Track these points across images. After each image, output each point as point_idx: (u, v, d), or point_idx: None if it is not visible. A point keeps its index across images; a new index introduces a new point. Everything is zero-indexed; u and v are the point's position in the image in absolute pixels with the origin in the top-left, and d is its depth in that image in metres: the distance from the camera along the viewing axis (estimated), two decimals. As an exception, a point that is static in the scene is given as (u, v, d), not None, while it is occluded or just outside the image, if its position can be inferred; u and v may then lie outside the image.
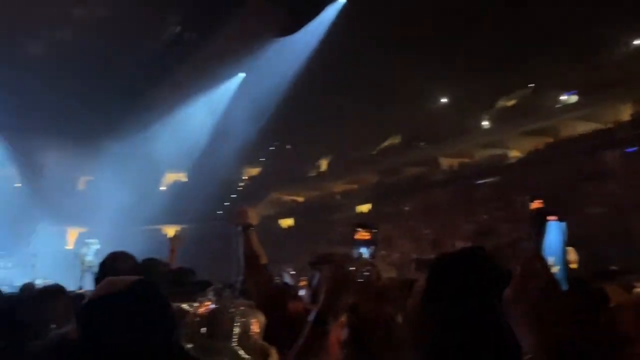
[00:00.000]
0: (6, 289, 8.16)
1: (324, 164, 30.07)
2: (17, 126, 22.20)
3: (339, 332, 1.71)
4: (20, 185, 28.42)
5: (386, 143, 29.01)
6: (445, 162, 25.92)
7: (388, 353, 1.47)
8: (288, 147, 32.40)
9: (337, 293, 1.44)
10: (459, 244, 13.80)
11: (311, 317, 1.43)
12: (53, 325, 2.21)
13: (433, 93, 26.74)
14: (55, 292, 2.91)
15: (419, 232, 21.24)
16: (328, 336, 1.40)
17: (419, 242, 20.12)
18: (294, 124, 30.71)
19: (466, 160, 25.54)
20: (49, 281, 13.37)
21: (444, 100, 27.57)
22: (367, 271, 1.59)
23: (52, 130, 22.30)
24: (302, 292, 2.75)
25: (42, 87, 19.53)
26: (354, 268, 1.50)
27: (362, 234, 2.59)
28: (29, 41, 20.00)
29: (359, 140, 29.28)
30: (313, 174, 30.26)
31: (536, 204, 2.47)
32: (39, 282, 9.11)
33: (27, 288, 4.67)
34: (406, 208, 24.08)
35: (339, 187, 28.53)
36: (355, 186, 28.19)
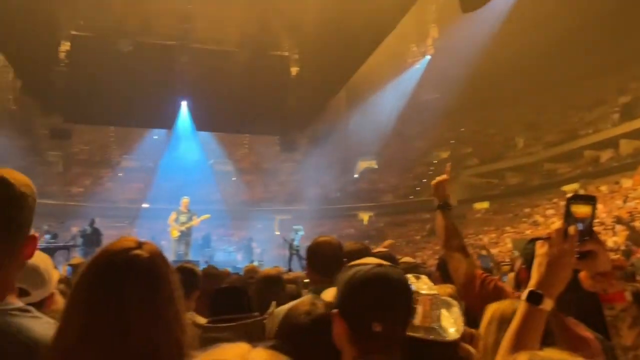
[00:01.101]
0: (230, 270, 9.42)
1: (520, 143, 28.06)
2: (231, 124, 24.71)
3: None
4: (235, 179, 32.29)
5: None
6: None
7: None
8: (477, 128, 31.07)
9: (553, 269, 1.34)
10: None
11: (524, 295, 1.36)
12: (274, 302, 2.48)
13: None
14: (277, 276, 3.30)
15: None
16: (544, 316, 1.30)
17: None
18: (483, 104, 29.38)
19: None
20: (263, 263, 14.99)
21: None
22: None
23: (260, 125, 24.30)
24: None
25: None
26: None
27: (580, 207, 2.35)
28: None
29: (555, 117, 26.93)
30: (509, 154, 28.42)
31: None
32: (256, 264, 10.28)
33: (250, 269, 5.28)
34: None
35: (541, 167, 26.33)
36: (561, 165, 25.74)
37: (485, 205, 27.02)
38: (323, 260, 2.53)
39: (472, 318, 2.56)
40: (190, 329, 1.02)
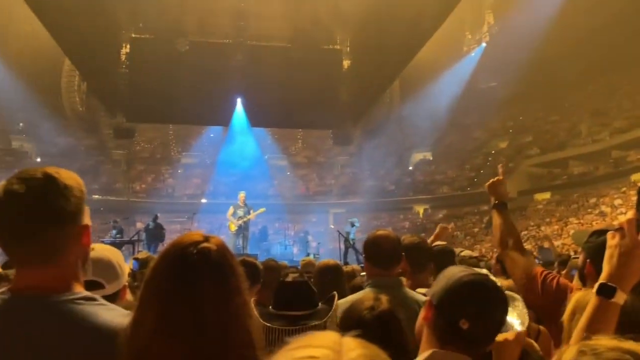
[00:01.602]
0: (287, 262, 9.54)
1: (585, 130, 26.79)
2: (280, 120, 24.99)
3: None
4: (289, 173, 32.67)
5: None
6: None
7: None
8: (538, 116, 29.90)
9: (626, 261, 1.29)
10: None
11: (595, 288, 1.31)
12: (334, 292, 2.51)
13: None
14: (334, 267, 3.35)
15: None
16: (617, 309, 1.26)
17: None
18: (544, 90, 28.30)
19: None
20: (319, 256, 15.09)
21: None
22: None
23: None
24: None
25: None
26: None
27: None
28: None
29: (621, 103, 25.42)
30: (573, 142, 27.20)
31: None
32: (312, 258, 10.36)
33: (306, 263, 5.34)
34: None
35: (608, 155, 25.02)
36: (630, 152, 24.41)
37: (546, 196, 26.02)
38: (381, 254, 2.52)
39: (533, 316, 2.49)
40: (257, 320, 1.05)
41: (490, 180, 2.54)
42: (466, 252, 3.20)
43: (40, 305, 1.11)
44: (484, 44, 25.93)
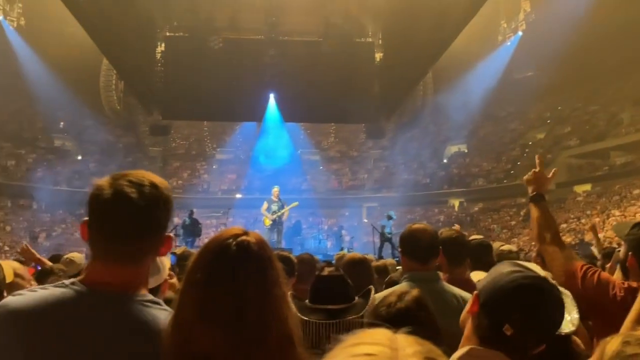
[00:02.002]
0: (320, 257, 9.58)
1: (626, 119, 25.85)
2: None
3: None
4: (322, 168, 32.72)
5: None
6: None
7: None
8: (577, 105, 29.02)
9: None
10: None
11: None
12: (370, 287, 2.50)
13: None
14: (361, 261, 3.34)
15: None
16: None
17: None
18: (583, 79, 27.44)
19: None
20: (352, 250, 15.09)
21: None
22: None
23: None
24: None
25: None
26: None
27: None
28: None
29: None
30: (614, 132, 26.30)
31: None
32: (346, 252, 10.37)
33: (341, 257, 5.33)
34: None
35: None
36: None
37: (587, 187, 25.28)
38: (419, 247, 2.50)
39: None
40: (295, 314, 1.07)
41: (527, 175, 2.48)
42: (506, 247, 3.13)
43: (113, 302, 1.17)
44: (520, 33, 25.28)
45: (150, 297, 1.23)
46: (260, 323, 0.99)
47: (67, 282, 1.21)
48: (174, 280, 2.12)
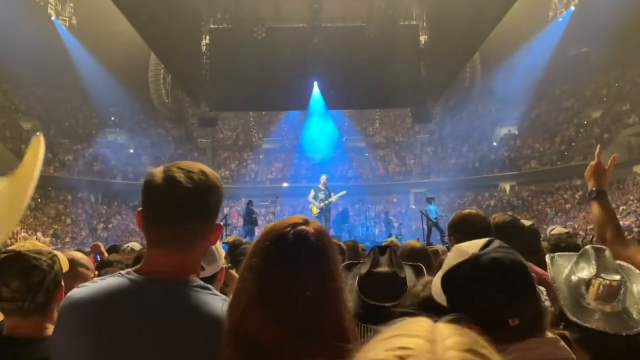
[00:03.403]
0: (369, 244, 9.55)
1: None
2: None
3: None
4: (368, 154, 32.52)
5: None
6: None
7: None
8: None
9: None
10: None
11: None
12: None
13: None
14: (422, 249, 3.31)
15: None
16: None
17: None
18: (638, 53, 25.96)
19: None
20: (401, 237, 14.96)
21: None
22: None
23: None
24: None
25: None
26: None
27: None
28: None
29: None
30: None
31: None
32: (394, 238, 10.29)
33: (390, 243, 5.29)
34: None
35: None
36: None
37: (649, 167, 24.03)
38: (471, 233, 2.42)
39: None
40: (350, 309, 1.06)
41: (588, 168, 2.37)
42: (557, 229, 3.00)
43: (169, 288, 1.21)
44: (572, 8, 24.12)
45: (200, 282, 1.25)
46: (312, 314, 0.99)
47: (122, 272, 1.26)
48: (234, 271, 2.16)
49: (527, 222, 3.38)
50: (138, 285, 1.21)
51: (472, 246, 1.23)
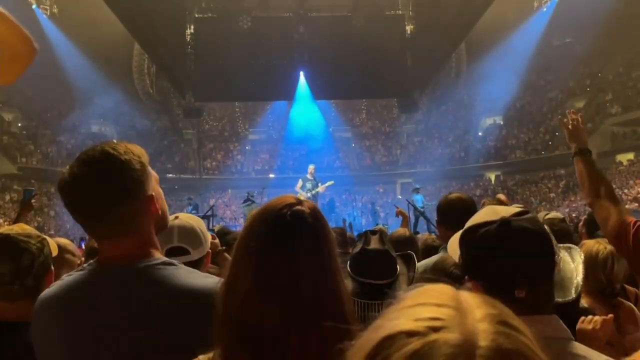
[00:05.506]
0: (355, 234, 9.56)
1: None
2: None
3: None
4: (354, 145, 32.54)
5: None
6: None
7: None
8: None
9: None
10: None
11: None
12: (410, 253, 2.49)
13: None
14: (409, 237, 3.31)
15: None
16: None
17: None
18: (626, 44, 26.22)
19: None
20: (388, 226, 15.02)
21: None
22: None
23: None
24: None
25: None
26: None
27: None
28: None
29: None
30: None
31: None
32: (380, 227, 10.32)
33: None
34: None
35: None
36: None
37: (629, 156, 24.37)
38: (456, 216, 2.43)
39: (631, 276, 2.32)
40: (347, 289, 1.04)
41: (573, 122, 2.39)
42: (552, 214, 3.02)
43: (125, 271, 1.20)
44: (556, -1, 24.33)
45: (163, 259, 1.23)
46: (314, 297, 0.96)
47: (85, 265, 1.27)
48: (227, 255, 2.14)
49: (518, 207, 3.39)
50: (100, 273, 1.21)
51: (506, 211, 1.23)
